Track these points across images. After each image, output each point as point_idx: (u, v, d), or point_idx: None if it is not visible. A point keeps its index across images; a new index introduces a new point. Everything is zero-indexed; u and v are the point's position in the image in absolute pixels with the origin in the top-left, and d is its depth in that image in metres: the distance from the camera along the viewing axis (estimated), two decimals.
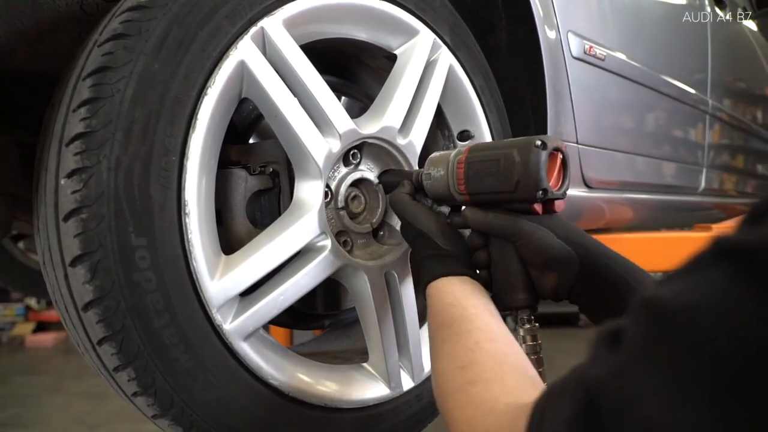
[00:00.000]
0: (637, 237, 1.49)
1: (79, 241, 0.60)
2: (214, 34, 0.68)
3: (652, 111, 1.60)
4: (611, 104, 1.41)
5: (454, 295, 0.62)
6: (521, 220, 0.64)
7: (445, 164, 0.72)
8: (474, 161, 0.68)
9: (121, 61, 0.62)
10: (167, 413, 0.66)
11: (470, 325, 0.56)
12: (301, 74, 0.77)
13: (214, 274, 0.69)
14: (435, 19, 0.97)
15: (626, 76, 1.43)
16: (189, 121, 0.66)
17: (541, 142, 0.62)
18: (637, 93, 1.51)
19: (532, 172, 0.61)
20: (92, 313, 0.62)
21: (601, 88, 1.36)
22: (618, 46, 1.41)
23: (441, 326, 0.59)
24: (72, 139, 0.61)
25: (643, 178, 1.57)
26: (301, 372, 0.79)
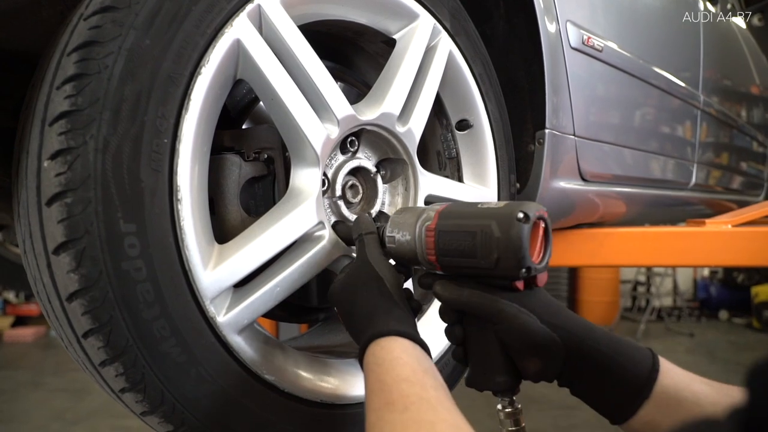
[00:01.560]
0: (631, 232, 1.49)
1: (63, 227, 0.56)
2: (208, 10, 0.65)
3: (648, 105, 1.59)
4: (608, 97, 1.40)
5: (410, 367, 0.52)
6: (501, 302, 0.58)
7: (412, 229, 0.65)
8: (446, 230, 0.61)
9: (109, 35, 0.58)
10: (157, 410, 0.63)
11: (433, 414, 0.45)
12: (299, 55, 0.73)
13: (207, 264, 0.65)
14: (435, 3, 0.94)
15: (623, 68, 1.42)
16: (182, 102, 0.62)
17: (523, 214, 0.55)
18: (633, 86, 1.50)
19: (515, 249, 0.55)
20: (77, 304, 0.58)
21: (598, 79, 1.35)
22: (615, 37, 1.40)
23: (391, 405, 0.47)
24: (56, 118, 0.57)
25: (638, 172, 1.56)
26: (296, 367, 0.76)
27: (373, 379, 0.52)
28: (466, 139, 1.05)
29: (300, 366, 0.77)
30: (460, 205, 0.65)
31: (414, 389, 0.48)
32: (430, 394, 0.48)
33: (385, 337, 0.56)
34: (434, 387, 0.49)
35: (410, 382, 0.49)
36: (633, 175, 1.55)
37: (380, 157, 0.93)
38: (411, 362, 0.53)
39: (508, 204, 0.58)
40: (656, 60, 1.59)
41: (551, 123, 1.17)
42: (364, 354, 0.57)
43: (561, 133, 1.21)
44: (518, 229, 0.55)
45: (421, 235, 0.64)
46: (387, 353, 0.54)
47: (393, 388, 0.49)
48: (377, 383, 0.51)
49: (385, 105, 0.86)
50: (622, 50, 1.41)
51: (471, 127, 1.05)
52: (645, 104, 1.58)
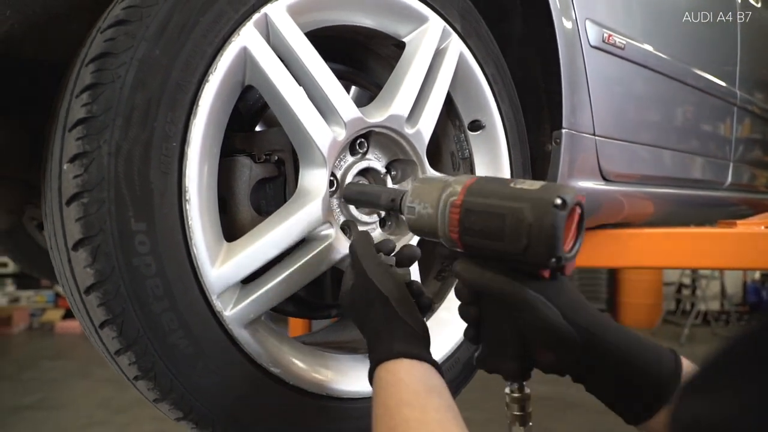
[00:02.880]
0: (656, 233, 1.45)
1: (80, 225, 0.61)
2: (216, 20, 0.68)
3: (676, 102, 1.55)
4: (631, 95, 1.37)
5: (412, 390, 0.53)
6: (527, 291, 0.55)
7: (436, 203, 0.61)
8: (473, 209, 0.57)
9: (122, 47, 0.62)
10: (167, 397, 0.67)
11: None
12: (305, 61, 0.76)
13: (215, 261, 0.69)
14: (445, 5, 0.95)
15: (647, 65, 1.39)
16: (190, 108, 0.66)
17: (561, 200, 0.51)
18: (660, 84, 1.46)
19: (547, 237, 0.51)
20: (93, 297, 0.62)
21: (621, 78, 1.33)
22: (639, 35, 1.37)
23: (393, 431, 0.49)
24: (74, 125, 0.61)
25: (665, 171, 1.53)
26: (302, 361, 0.79)
27: (379, 404, 0.54)
28: (479, 140, 1.06)
29: (306, 360, 0.80)
30: (490, 181, 0.59)
31: (414, 413, 0.50)
32: (431, 416, 0.49)
33: (390, 361, 0.57)
34: (436, 409, 0.51)
35: (412, 407, 0.50)
36: (660, 174, 1.51)
37: (390, 158, 0.95)
38: (414, 384, 0.54)
39: (544, 186, 0.54)
40: (686, 56, 1.55)
41: (569, 122, 1.17)
42: (372, 377, 0.59)
43: (579, 133, 1.20)
44: (554, 217, 0.50)
45: (444, 211, 0.59)
46: (391, 376, 0.56)
47: (395, 413, 0.50)
48: (382, 407, 0.53)
49: (394, 107, 0.88)
50: (647, 47, 1.39)
51: (483, 128, 1.05)
52: (673, 102, 1.54)
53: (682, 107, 1.59)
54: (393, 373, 0.56)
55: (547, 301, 0.55)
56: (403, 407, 0.51)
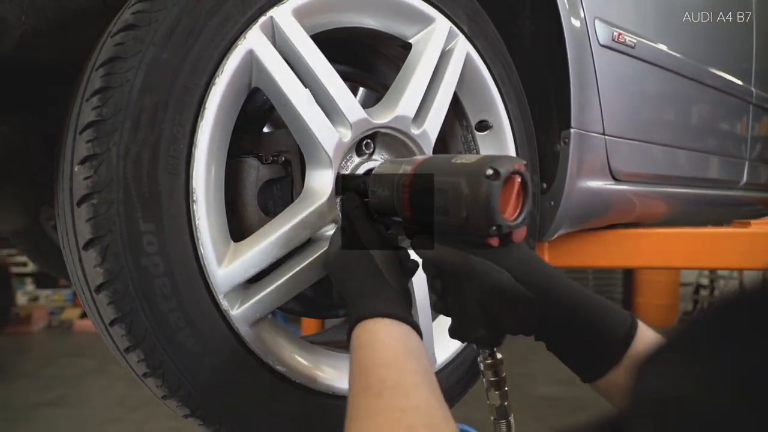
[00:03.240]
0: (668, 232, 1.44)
1: (90, 225, 0.62)
2: (222, 24, 0.69)
3: (689, 101, 1.54)
4: (642, 94, 1.36)
5: (392, 350, 0.52)
6: (473, 259, 0.57)
7: (390, 185, 0.65)
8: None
9: (131, 51, 0.64)
10: (175, 394, 0.68)
11: (405, 400, 0.45)
12: (311, 64, 0.77)
13: (222, 261, 0.70)
14: (452, 6, 0.95)
15: (659, 64, 1.38)
16: (197, 110, 0.68)
17: (493, 170, 0.53)
18: (672, 82, 1.45)
19: (482, 206, 0.53)
20: (103, 296, 0.64)
21: (632, 77, 1.32)
22: (651, 33, 1.36)
23: (367, 390, 0.47)
24: (84, 127, 0.63)
25: (679, 171, 1.51)
26: (308, 359, 0.80)
27: (355, 363, 0.52)
28: (487, 140, 1.06)
29: (312, 359, 0.81)
30: (436, 159, 0.63)
31: (390, 373, 0.48)
32: (407, 379, 0.48)
33: (370, 319, 0.56)
34: (413, 371, 0.49)
35: (388, 366, 0.49)
36: (673, 174, 1.50)
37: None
38: (393, 345, 0.53)
39: (480, 159, 0.56)
40: (700, 55, 1.53)
41: (577, 122, 1.16)
42: (350, 336, 0.57)
43: (588, 132, 1.19)
44: (486, 187, 0.53)
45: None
46: (371, 335, 0.54)
47: (371, 373, 0.49)
48: (357, 367, 0.51)
49: (400, 108, 0.88)
50: (659, 46, 1.37)
51: (491, 128, 1.05)
52: (687, 101, 1.53)
53: (696, 106, 1.57)
54: (372, 333, 0.55)
55: (495, 266, 0.57)
56: (379, 367, 0.49)
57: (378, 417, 0.44)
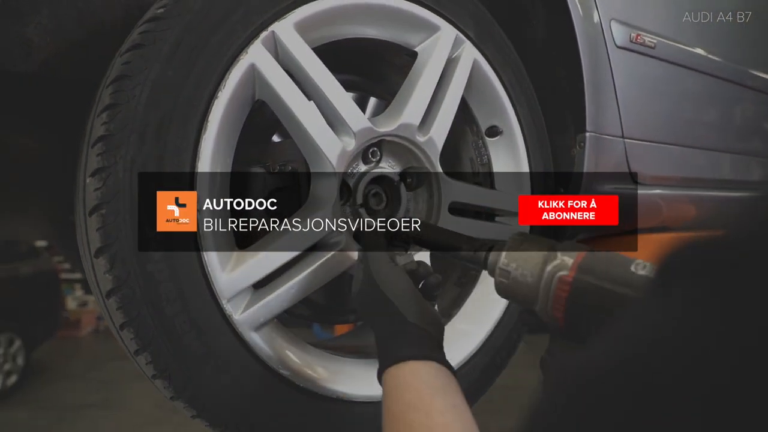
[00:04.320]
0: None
1: (100, 234, 0.66)
2: (225, 40, 0.72)
3: (717, 101, 1.49)
4: (665, 95, 1.33)
5: (416, 391, 0.51)
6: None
7: (539, 273, 0.55)
8: (585, 290, 0.50)
9: (137, 69, 0.67)
10: (182, 396, 0.71)
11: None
12: (313, 75, 0.79)
13: (226, 267, 0.73)
14: (458, 14, 0.96)
15: (683, 64, 1.34)
16: (200, 124, 0.71)
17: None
18: (698, 82, 1.40)
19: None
20: (113, 300, 0.67)
21: (653, 78, 1.28)
22: (674, 32, 1.32)
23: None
24: (95, 142, 0.67)
25: (705, 173, 1.46)
26: (313, 364, 0.82)
27: (385, 410, 0.53)
28: (498, 145, 1.06)
29: (316, 363, 0.82)
30: (606, 261, 0.53)
31: (419, 417, 0.49)
32: (435, 420, 0.48)
33: (394, 365, 0.56)
34: (441, 411, 0.49)
35: (416, 410, 0.50)
36: (699, 176, 1.45)
37: (404, 166, 0.96)
38: (418, 386, 0.53)
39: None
40: (727, 52, 1.48)
41: (593, 125, 1.14)
42: (381, 382, 0.58)
43: (605, 135, 1.17)
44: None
45: (552, 287, 0.54)
46: (396, 380, 0.55)
47: (400, 419, 0.50)
48: (388, 414, 0.52)
49: (404, 116, 0.89)
50: (681, 45, 1.34)
51: (501, 133, 1.05)
52: (714, 101, 1.48)
53: (725, 106, 1.52)
54: (397, 377, 0.55)
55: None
56: (407, 411, 0.50)
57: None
